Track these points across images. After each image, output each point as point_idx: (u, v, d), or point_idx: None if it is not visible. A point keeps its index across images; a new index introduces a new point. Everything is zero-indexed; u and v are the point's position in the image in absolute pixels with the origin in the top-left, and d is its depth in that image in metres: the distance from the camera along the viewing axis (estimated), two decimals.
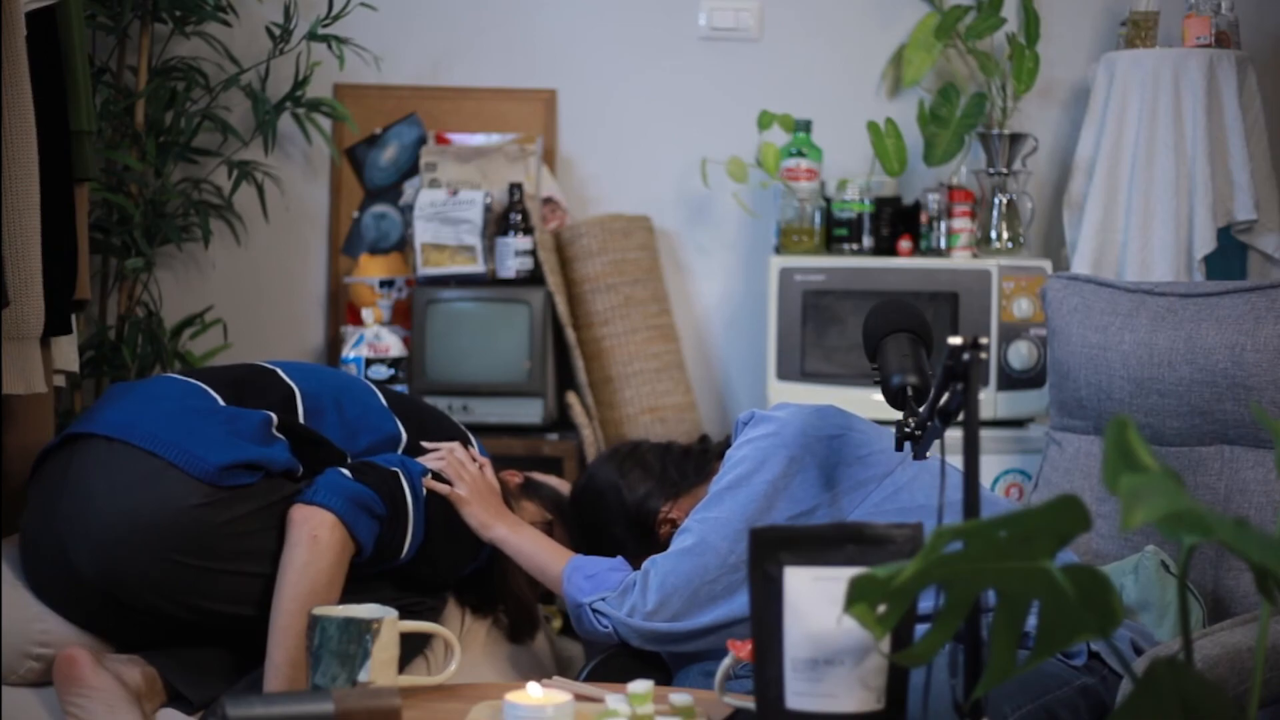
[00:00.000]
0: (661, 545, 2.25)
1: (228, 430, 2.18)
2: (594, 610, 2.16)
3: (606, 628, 2.16)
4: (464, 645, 2.30)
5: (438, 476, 2.32)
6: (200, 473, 2.12)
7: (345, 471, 2.20)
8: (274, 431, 2.23)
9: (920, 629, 1.40)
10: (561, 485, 2.65)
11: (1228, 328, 2.38)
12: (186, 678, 2.19)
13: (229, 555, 2.14)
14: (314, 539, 2.13)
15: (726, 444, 2.32)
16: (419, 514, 2.25)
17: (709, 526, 2.16)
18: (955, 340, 1.45)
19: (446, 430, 2.44)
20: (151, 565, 2.11)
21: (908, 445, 1.86)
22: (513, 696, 1.60)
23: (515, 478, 2.59)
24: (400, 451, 2.36)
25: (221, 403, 2.26)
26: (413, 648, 2.29)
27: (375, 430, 2.36)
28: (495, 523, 2.32)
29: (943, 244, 3.47)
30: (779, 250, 3.48)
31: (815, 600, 1.44)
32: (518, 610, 2.48)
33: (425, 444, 2.38)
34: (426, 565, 2.32)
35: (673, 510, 2.35)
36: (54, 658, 2.15)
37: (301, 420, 2.30)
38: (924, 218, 3.49)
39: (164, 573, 2.12)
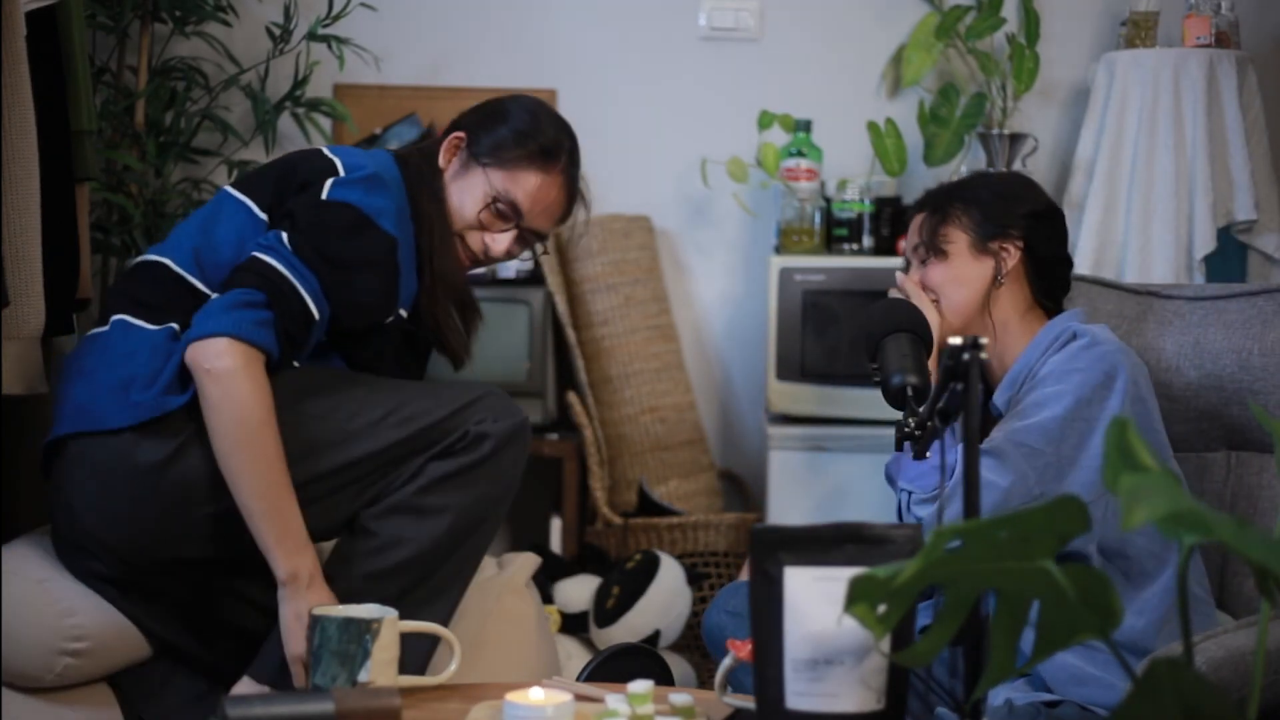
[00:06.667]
0: None
1: (154, 360, 2.08)
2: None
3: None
4: (464, 645, 2.29)
5: None
6: (148, 411, 2.04)
7: (214, 295, 2.09)
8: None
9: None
10: None
11: (1235, 332, 2.37)
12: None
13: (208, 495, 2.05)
14: (209, 372, 2.00)
15: None
16: (296, 268, 2.09)
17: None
18: (955, 340, 1.45)
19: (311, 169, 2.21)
20: (164, 539, 2.07)
21: None
22: (513, 696, 1.60)
23: None
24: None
25: (148, 325, 2.12)
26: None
27: (255, 239, 2.16)
28: None
29: None
30: (779, 250, 3.48)
31: (815, 600, 1.44)
32: (455, 339, 2.36)
33: None
34: (351, 314, 2.16)
35: None
36: (93, 651, 2.10)
37: (195, 281, 2.16)
38: None
39: (176, 533, 2.07)
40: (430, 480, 2.11)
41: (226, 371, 1.99)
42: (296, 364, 2.16)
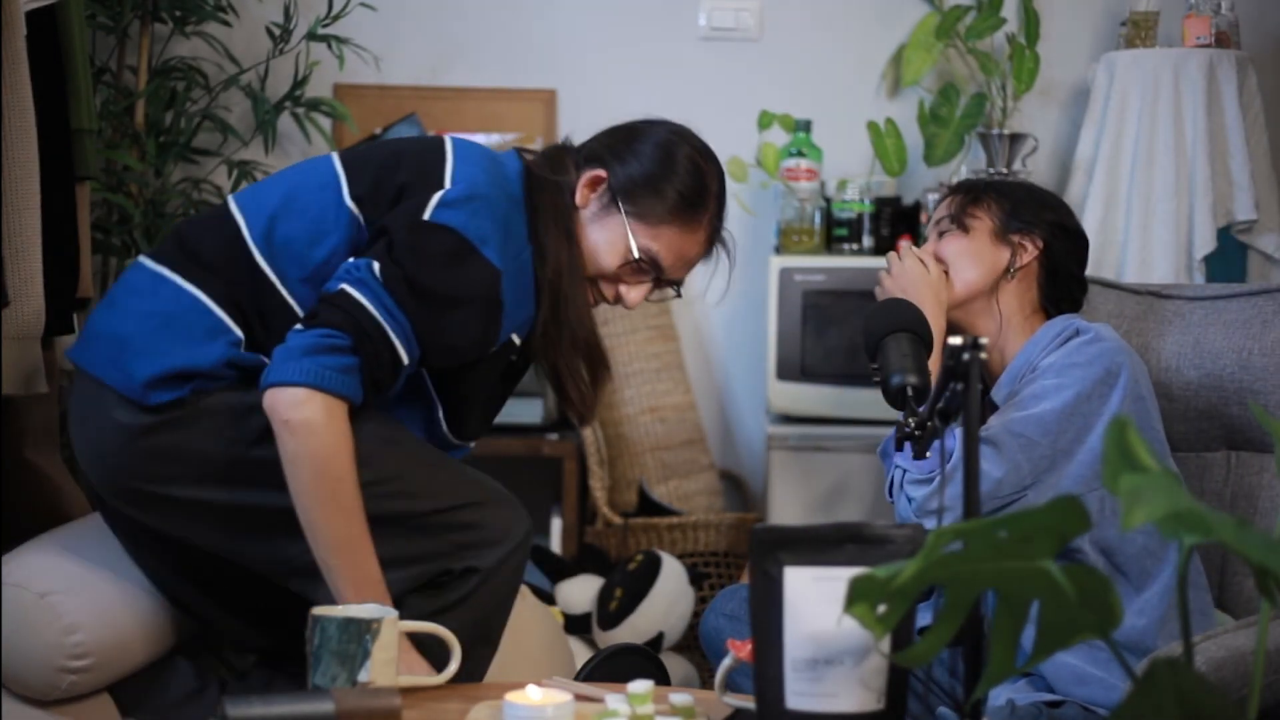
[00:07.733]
0: None
1: (161, 334, 2.00)
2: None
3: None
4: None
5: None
6: (129, 392, 1.99)
7: (296, 327, 1.95)
8: (224, 319, 2.01)
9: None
10: None
11: (1235, 331, 2.37)
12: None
13: (194, 479, 1.99)
14: (287, 424, 1.88)
15: None
16: (386, 308, 1.94)
17: None
18: (955, 340, 1.45)
19: (420, 166, 2.06)
20: (143, 500, 2.02)
21: None
22: (513, 696, 1.60)
23: None
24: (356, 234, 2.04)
25: (183, 282, 2.03)
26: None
27: (334, 227, 2.04)
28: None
29: None
30: (779, 250, 3.48)
31: (815, 600, 1.44)
32: (579, 394, 2.14)
33: None
34: (441, 355, 2.01)
35: None
36: (96, 667, 2.08)
37: (256, 255, 2.03)
38: (924, 218, 3.49)
39: (160, 503, 2.02)
40: (412, 615, 1.95)
41: (305, 424, 1.88)
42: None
